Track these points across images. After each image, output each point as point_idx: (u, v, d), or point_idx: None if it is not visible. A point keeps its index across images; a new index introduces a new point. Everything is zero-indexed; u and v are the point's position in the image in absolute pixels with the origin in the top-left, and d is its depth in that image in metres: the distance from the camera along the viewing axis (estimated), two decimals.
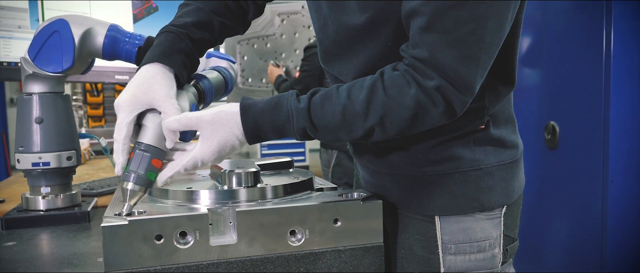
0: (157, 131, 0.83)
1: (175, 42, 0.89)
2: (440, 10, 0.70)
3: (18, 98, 1.09)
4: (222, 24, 0.99)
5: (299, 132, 0.80)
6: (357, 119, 0.77)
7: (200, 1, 0.98)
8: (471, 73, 0.73)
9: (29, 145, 1.07)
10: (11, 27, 1.30)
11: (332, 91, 0.80)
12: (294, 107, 0.79)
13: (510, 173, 0.90)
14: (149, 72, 0.84)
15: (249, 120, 0.80)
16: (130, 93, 0.81)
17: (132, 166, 0.82)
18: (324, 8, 0.90)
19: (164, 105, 0.81)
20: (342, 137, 0.80)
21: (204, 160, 0.81)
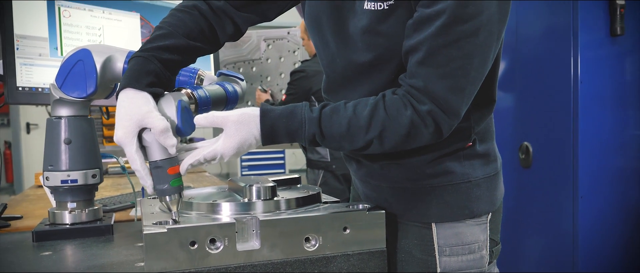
0: (157, 145, 0.92)
1: (144, 65, 0.95)
2: (434, 49, 0.85)
3: (47, 120, 1.18)
4: (193, 46, 1.04)
5: (309, 137, 0.92)
6: (359, 132, 0.90)
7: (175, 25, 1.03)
8: (458, 101, 0.88)
9: (58, 164, 1.16)
10: (32, 55, 1.40)
11: (340, 105, 0.93)
12: (307, 115, 0.91)
13: (494, 184, 1.04)
14: (125, 99, 0.91)
15: (267, 123, 0.91)
16: (121, 126, 0.89)
17: (156, 183, 0.93)
18: (332, 46, 1.02)
19: (149, 121, 0.89)
20: (344, 146, 0.92)
21: (224, 154, 0.92)
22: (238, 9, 1.08)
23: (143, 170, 0.90)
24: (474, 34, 0.84)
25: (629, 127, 2.73)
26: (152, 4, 1.68)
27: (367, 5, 0.93)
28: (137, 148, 0.90)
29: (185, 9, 1.06)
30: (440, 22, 0.84)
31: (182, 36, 1.01)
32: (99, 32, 1.54)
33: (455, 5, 0.83)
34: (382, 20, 0.92)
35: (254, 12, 1.10)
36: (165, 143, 0.90)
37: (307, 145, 0.95)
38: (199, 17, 1.05)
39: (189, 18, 1.04)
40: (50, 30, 1.44)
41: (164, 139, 0.89)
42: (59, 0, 1.45)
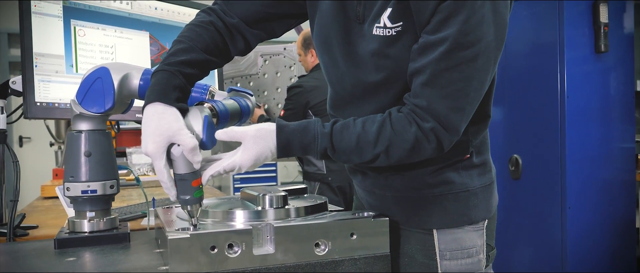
0: (184, 160, 0.99)
1: (170, 79, 1.02)
2: (437, 72, 0.94)
3: (68, 134, 1.25)
4: (210, 61, 1.12)
5: (321, 151, 1.00)
6: (368, 146, 0.98)
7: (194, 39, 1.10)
8: (458, 119, 0.97)
9: (78, 175, 1.23)
10: (50, 72, 1.47)
11: (350, 122, 1.01)
12: (320, 130, 0.99)
13: (489, 193, 1.13)
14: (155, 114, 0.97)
15: (282, 138, 0.99)
16: (152, 141, 0.95)
17: (180, 194, 1.00)
18: (341, 65, 1.11)
19: (180, 139, 0.96)
20: (353, 159, 1.00)
21: (243, 166, 0.99)
22: (250, 26, 1.16)
23: (169, 182, 0.97)
24: (474, 59, 0.94)
25: (614, 140, 2.84)
26: (160, 23, 1.76)
27: (376, 31, 1.01)
28: (166, 162, 0.96)
29: (202, 24, 1.12)
30: (444, 48, 0.93)
31: (201, 50, 1.08)
32: (111, 50, 1.61)
33: (458, 34, 0.92)
34: (390, 45, 1.01)
35: (263, 29, 1.18)
36: (192, 160, 0.96)
37: (319, 159, 1.02)
38: (215, 32, 1.13)
39: (206, 33, 1.11)
40: (66, 48, 1.51)
41: (192, 156, 0.96)
42: (75, 20, 1.53)
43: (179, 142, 0.95)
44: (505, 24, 0.98)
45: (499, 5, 0.95)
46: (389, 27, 1.00)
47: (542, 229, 2.81)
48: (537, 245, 2.85)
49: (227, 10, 1.16)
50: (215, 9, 1.17)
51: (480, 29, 0.93)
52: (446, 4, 0.93)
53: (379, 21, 1.01)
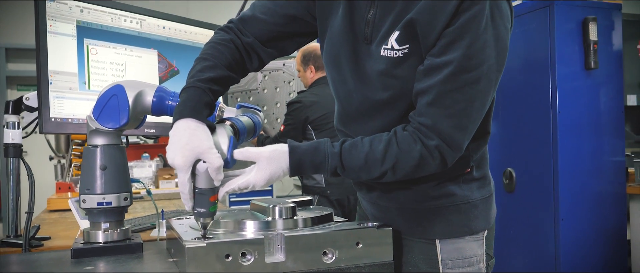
0: (207, 176, 1.04)
1: (202, 96, 1.07)
2: (442, 93, 1.01)
3: (84, 149, 1.30)
4: (231, 77, 1.18)
5: (331, 170, 1.06)
6: (375, 164, 1.05)
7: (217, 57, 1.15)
8: (461, 137, 1.04)
9: (94, 188, 1.28)
10: (64, 89, 1.53)
11: (358, 141, 1.07)
12: (330, 150, 1.06)
13: (489, 204, 1.19)
14: (187, 129, 1.02)
15: (294, 158, 1.05)
16: (182, 155, 1.00)
17: (197, 206, 1.05)
18: (350, 83, 1.17)
19: (208, 157, 1.01)
20: (362, 176, 1.07)
21: (256, 184, 1.05)
22: (264, 45, 1.22)
23: (189, 195, 1.03)
24: (476, 81, 1.01)
25: (605, 154, 2.92)
26: (168, 41, 1.83)
27: (384, 52, 1.08)
28: (190, 176, 1.01)
29: (223, 42, 1.18)
30: (448, 70, 1.00)
31: (224, 67, 1.14)
32: (121, 68, 1.68)
33: (462, 58, 0.99)
34: (397, 65, 1.08)
35: (276, 47, 1.24)
36: (215, 178, 1.01)
37: (329, 177, 1.09)
38: (234, 50, 1.19)
39: (227, 51, 1.17)
40: (79, 66, 1.57)
41: (216, 175, 1.01)
42: (88, 39, 1.59)
43: (207, 160, 1.00)
44: (505, 48, 1.05)
45: (500, 30, 1.03)
46: (397, 49, 1.06)
47: (536, 240, 2.87)
48: (531, 256, 2.92)
49: (242, 29, 1.22)
50: (232, 27, 1.23)
51: (483, 53, 1.00)
52: (451, 29, 1.00)
53: (386, 43, 1.07)
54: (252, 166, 1.07)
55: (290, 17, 1.21)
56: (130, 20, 1.71)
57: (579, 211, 2.79)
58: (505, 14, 1.05)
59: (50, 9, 1.51)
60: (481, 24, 0.99)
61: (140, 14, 1.74)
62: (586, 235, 2.81)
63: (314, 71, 3.25)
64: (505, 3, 1.06)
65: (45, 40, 1.49)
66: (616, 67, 2.97)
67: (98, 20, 1.62)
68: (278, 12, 1.21)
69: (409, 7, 1.05)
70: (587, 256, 2.80)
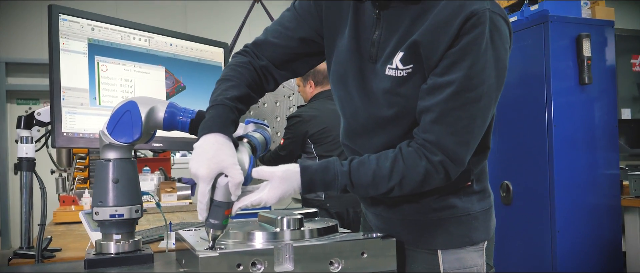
0: (226, 190, 1.09)
1: (229, 114, 1.13)
2: (445, 111, 1.06)
3: (97, 163, 1.35)
4: (252, 97, 1.25)
5: (341, 187, 1.11)
6: (383, 181, 1.10)
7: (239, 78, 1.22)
8: (464, 152, 1.09)
9: (107, 200, 1.33)
10: (75, 105, 1.58)
11: (365, 159, 1.12)
12: (339, 169, 1.10)
13: (488, 216, 1.24)
14: (215, 143, 1.08)
15: (306, 178, 1.10)
16: (206, 166, 1.05)
17: (211, 217, 1.10)
18: (356, 100, 1.22)
19: (231, 172, 1.06)
20: (370, 192, 1.12)
21: (268, 202, 1.10)
22: (277, 67, 1.28)
23: (206, 205, 1.07)
24: (477, 100, 1.06)
25: (600, 167, 2.98)
26: (175, 58, 1.88)
27: (389, 71, 1.14)
28: (211, 189, 1.06)
29: (242, 65, 1.25)
30: (451, 90, 1.05)
31: (246, 87, 1.20)
32: (130, 84, 1.73)
33: (463, 78, 1.05)
34: (401, 84, 1.13)
35: (288, 69, 1.31)
36: (234, 192, 1.06)
37: (340, 193, 1.13)
38: (253, 71, 1.25)
39: (247, 72, 1.23)
40: (90, 82, 1.62)
41: (235, 189, 1.06)
42: (98, 56, 1.64)
43: (230, 175, 1.05)
44: (504, 68, 1.11)
45: (499, 52, 1.08)
46: (401, 69, 1.12)
47: (533, 252, 2.92)
48: (528, 267, 2.96)
49: (257, 52, 1.28)
50: (248, 51, 1.29)
51: (484, 73, 1.06)
52: (453, 50, 1.05)
53: (391, 63, 1.13)
54: (264, 183, 1.12)
55: (301, 39, 1.27)
56: (139, 37, 1.76)
57: (575, 223, 2.84)
58: (505, 36, 1.11)
59: (63, 27, 1.56)
60: (482, 46, 1.05)
61: (148, 32, 1.79)
62: (582, 247, 2.85)
63: (313, 86, 3.31)
64: (505, 25, 1.11)
65: (58, 57, 1.54)
66: (610, 82, 3.04)
67: (108, 38, 1.68)
68: (289, 35, 1.27)
69: (413, 30, 1.11)
70: (584, 267, 2.84)
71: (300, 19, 1.28)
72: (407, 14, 1.14)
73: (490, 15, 1.06)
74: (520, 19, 3.11)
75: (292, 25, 1.28)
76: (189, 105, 1.38)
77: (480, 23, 1.05)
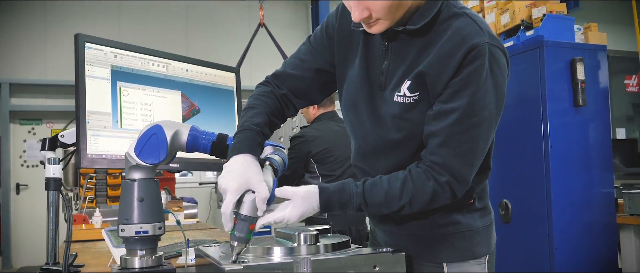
0: (252, 205, 1.19)
1: (255, 137, 1.25)
2: (451, 135, 1.16)
3: (123, 182, 1.43)
4: (275, 123, 1.38)
5: (356, 207, 1.20)
6: (394, 200, 1.19)
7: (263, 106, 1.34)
8: (468, 173, 1.19)
9: (132, 218, 1.41)
10: (99, 128, 1.67)
11: (378, 180, 1.21)
12: (354, 190, 1.20)
13: (490, 232, 1.34)
14: (244, 162, 1.19)
15: (323, 198, 1.19)
16: (236, 181, 1.16)
17: (237, 231, 1.19)
18: (366, 125, 1.32)
19: (259, 187, 1.16)
20: (383, 210, 1.21)
21: (290, 219, 1.19)
22: (296, 96, 1.41)
23: (230, 216, 1.16)
24: (479, 125, 1.16)
25: (595, 186, 3.07)
26: (191, 83, 1.98)
27: (397, 98, 1.23)
28: (236, 201, 1.16)
29: (265, 94, 1.37)
30: (455, 116, 1.15)
31: (270, 115, 1.32)
32: (149, 107, 1.82)
33: (466, 105, 1.15)
34: (409, 110, 1.23)
35: (306, 98, 1.43)
36: (260, 207, 1.16)
37: (355, 212, 1.23)
38: (275, 99, 1.37)
39: (270, 101, 1.35)
40: (113, 106, 1.71)
41: (261, 204, 1.16)
42: (120, 82, 1.74)
43: (257, 190, 1.15)
44: (503, 94, 1.21)
45: (498, 80, 1.18)
46: (408, 96, 1.22)
47: (532, 269, 2.99)
48: None
49: (277, 83, 1.41)
50: (269, 82, 1.42)
51: (484, 100, 1.16)
52: (456, 80, 1.15)
53: (399, 90, 1.23)
54: (286, 202, 1.21)
55: (316, 70, 1.39)
56: (157, 64, 1.86)
57: (572, 241, 2.93)
58: (503, 65, 1.21)
59: (88, 55, 1.66)
60: (482, 76, 1.15)
61: (166, 58, 1.89)
62: (580, 264, 2.93)
63: (316, 107, 3.40)
64: (503, 56, 1.21)
65: (84, 83, 1.63)
66: (603, 104, 3.14)
67: (129, 64, 1.77)
68: (305, 67, 1.40)
69: (419, 60, 1.21)
70: None
71: (315, 52, 1.40)
72: (414, 45, 1.24)
73: (490, 48, 1.16)
74: (516, 44, 3.23)
75: (307, 57, 1.40)
76: (203, 127, 1.47)
77: (480, 55, 1.15)
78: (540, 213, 2.95)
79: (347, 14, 1.30)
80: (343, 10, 1.35)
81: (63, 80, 7.38)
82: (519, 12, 3.29)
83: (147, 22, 7.91)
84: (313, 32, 1.45)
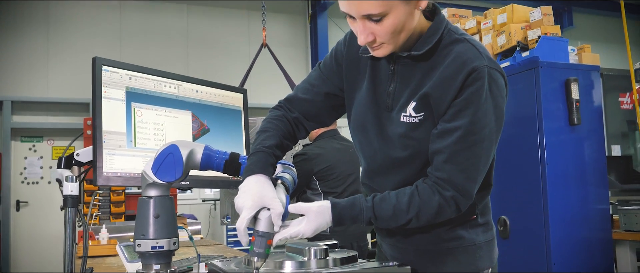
0: (269, 222, 1.26)
1: (268, 158, 1.35)
2: (454, 153, 1.23)
3: (139, 199, 1.50)
4: (287, 144, 1.46)
5: (366, 220, 1.27)
6: (402, 214, 1.26)
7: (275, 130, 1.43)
8: (472, 187, 1.26)
9: (148, 233, 1.47)
10: (114, 147, 1.73)
11: (386, 195, 1.28)
12: (364, 205, 1.27)
13: (491, 246, 1.40)
14: (258, 182, 1.27)
15: (335, 213, 1.26)
16: (252, 199, 1.24)
17: (256, 247, 1.25)
18: (375, 144, 1.39)
19: (273, 204, 1.24)
20: (391, 224, 1.28)
21: (304, 234, 1.26)
22: (307, 118, 1.49)
23: (245, 231, 1.24)
24: (481, 142, 1.24)
25: (591, 202, 3.15)
26: (200, 104, 2.05)
27: (403, 118, 1.31)
28: (251, 218, 1.23)
29: (278, 118, 1.46)
30: (458, 134, 1.23)
31: (282, 137, 1.41)
32: (162, 127, 1.89)
33: (469, 124, 1.22)
34: (414, 129, 1.31)
35: (317, 120, 1.51)
36: (276, 223, 1.23)
37: (365, 225, 1.30)
38: (287, 123, 1.46)
39: (282, 124, 1.44)
40: (127, 126, 1.78)
41: (277, 220, 1.23)
42: (135, 103, 1.81)
43: (271, 207, 1.23)
44: (502, 113, 1.29)
45: (497, 100, 1.26)
46: (414, 116, 1.30)
47: None
48: None
49: (289, 107, 1.49)
50: (282, 105, 1.50)
51: (485, 119, 1.23)
52: (458, 100, 1.23)
53: (405, 111, 1.31)
54: (300, 218, 1.28)
55: (325, 94, 1.48)
56: (169, 85, 1.93)
57: (569, 256, 2.99)
58: (501, 86, 1.29)
59: (105, 77, 1.73)
60: (482, 96, 1.23)
61: (177, 80, 1.97)
62: None
63: None
64: (501, 78, 1.29)
65: (101, 104, 1.71)
66: (597, 123, 3.23)
67: (143, 86, 1.85)
68: (315, 91, 1.49)
69: (423, 83, 1.29)
70: None
71: (325, 77, 1.49)
72: (418, 69, 1.32)
73: (489, 71, 1.25)
74: (512, 64, 3.32)
75: (317, 82, 1.49)
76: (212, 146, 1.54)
77: (480, 77, 1.23)
78: (538, 229, 3.02)
79: (354, 41, 1.39)
80: (351, 38, 1.44)
81: (64, 98, 7.46)
82: (514, 34, 3.39)
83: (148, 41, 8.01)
84: (323, 59, 1.54)
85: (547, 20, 3.35)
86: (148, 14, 8.11)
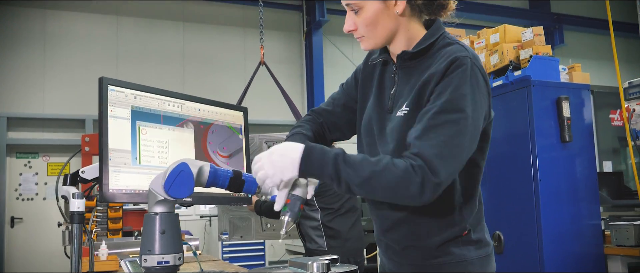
0: (304, 189, 1.38)
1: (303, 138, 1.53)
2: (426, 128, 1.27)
3: (145, 215, 1.54)
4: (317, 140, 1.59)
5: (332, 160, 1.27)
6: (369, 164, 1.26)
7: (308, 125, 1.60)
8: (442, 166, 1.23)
9: (154, 249, 1.51)
10: (119, 164, 1.78)
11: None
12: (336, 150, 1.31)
13: (486, 263, 1.45)
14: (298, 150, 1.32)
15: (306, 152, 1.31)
16: (290, 172, 1.32)
17: (290, 207, 1.36)
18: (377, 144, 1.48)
19: None
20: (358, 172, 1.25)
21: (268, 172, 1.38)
22: (329, 129, 1.65)
23: (284, 196, 1.35)
24: (456, 122, 1.26)
25: (583, 218, 3.21)
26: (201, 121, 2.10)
27: (399, 113, 1.40)
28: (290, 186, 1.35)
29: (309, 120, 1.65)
30: (432, 111, 1.28)
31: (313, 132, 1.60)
32: (165, 145, 1.94)
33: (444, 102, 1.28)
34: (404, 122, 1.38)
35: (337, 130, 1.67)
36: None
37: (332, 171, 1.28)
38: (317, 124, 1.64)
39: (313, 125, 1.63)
40: (132, 144, 1.83)
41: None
42: (139, 121, 1.86)
43: None
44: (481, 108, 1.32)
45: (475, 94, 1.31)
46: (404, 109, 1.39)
47: None
48: None
49: (316, 116, 1.66)
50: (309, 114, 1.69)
51: (462, 102, 1.28)
52: (439, 86, 1.31)
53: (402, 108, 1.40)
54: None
55: (343, 105, 1.65)
56: (172, 104, 1.98)
57: (563, 270, 3.04)
58: (481, 84, 1.34)
59: (111, 96, 1.78)
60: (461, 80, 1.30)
61: (180, 99, 2.02)
62: None
63: None
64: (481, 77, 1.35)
65: (107, 123, 1.75)
66: (588, 140, 3.30)
67: (148, 105, 1.90)
68: (335, 103, 1.67)
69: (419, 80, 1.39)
70: None
71: (345, 92, 1.68)
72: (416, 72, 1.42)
73: (471, 62, 1.33)
74: (505, 83, 3.40)
75: (338, 96, 1.69)
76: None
77: (461, 64, 1.32)
78: (532, 244, 3.07)
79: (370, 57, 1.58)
80: (368, 56, 1.61)
81: (61, 114, 7.48)
82: (507, 53, 3.47)
83: (145, 58, 8.07)
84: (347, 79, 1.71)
85: (539, 41, 3.44)
86: (145, 31, 8.18)
